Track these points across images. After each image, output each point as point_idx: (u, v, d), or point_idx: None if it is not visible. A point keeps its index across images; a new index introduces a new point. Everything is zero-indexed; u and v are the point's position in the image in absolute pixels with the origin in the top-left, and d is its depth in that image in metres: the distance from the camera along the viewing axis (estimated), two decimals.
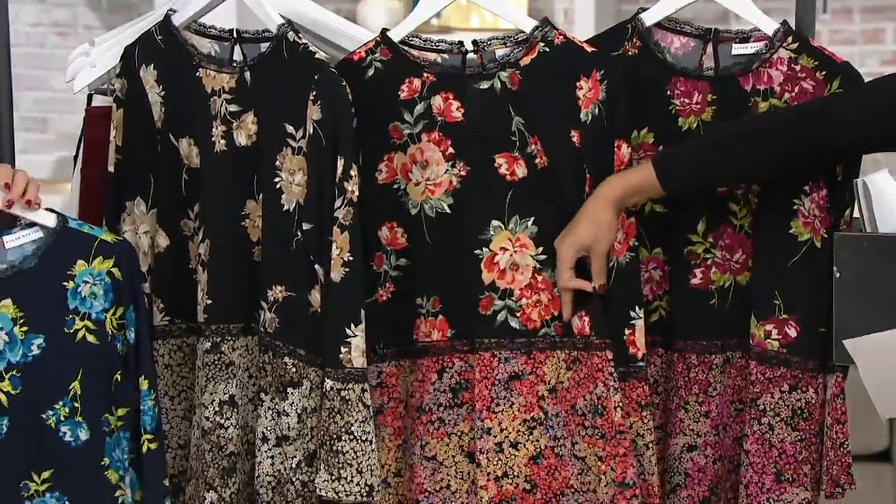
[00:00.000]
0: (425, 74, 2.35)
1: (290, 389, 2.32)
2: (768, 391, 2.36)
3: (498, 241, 2.35)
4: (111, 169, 2.41)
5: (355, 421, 2.28)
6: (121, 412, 2.26)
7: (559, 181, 2.33)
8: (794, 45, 2.37)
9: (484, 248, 2.34)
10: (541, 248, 2.35)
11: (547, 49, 2.35)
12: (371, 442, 2.29)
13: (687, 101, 2.39)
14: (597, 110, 2.32)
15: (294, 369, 2.32)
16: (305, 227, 2.31)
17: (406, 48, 2.37)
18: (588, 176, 2.33)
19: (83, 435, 2.23)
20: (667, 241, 2.40)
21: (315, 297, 2.31)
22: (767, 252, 2.36)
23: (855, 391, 2.51)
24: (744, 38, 2.40)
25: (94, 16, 5.64)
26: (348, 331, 2.28)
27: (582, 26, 5.46)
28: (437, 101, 2.35)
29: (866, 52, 5.73)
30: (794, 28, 2.40)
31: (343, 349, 2.28)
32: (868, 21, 5.75)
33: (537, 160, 2.33)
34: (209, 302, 2.35)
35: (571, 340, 2.34)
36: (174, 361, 2.43)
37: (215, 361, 2.36)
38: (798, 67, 2.36)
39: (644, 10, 2.42)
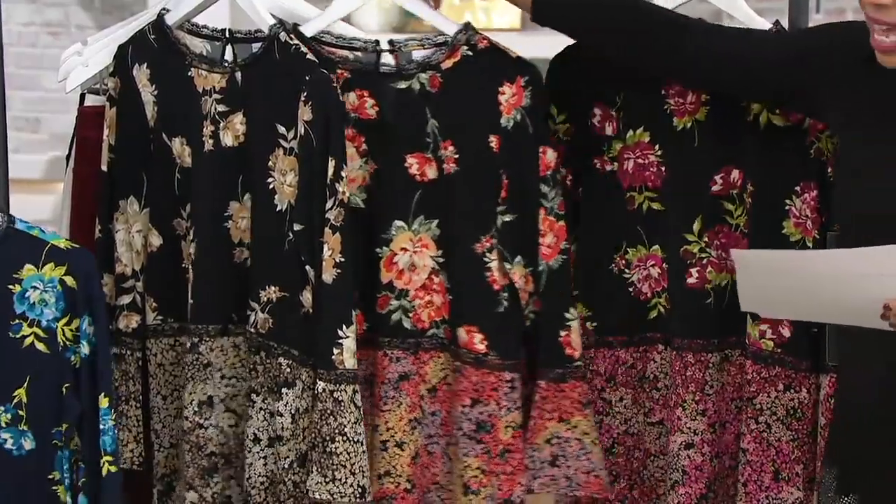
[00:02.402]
0: (339, 71, 2.34)
1: (284, 390, 2.32)
2: (764, 390, 2.36)
3: (399, 241, 2.35)
4: (104, 168, 2.41)
5: (348, 422, 2.28)
6: (64, 427, 2.20)
7: (470, 185, 2.33)
8: None
9: (384, 248, 2.35)
10: (441, 251, 2.35)
11: (470, 53, 2.34)
12: (362, 443, 2.29)
13: (681, 100, 2.39)
14: (519, 116, 2.33)
15: (288, 370, 2.32)
16: (297, 227, 2.31)
17: (319, 45, 2.36)
18: (505, 181, 2.33)
19: (27, 444, 2.18)
20: (664, 239, 2.40)
21: (307, 297, 2.31)
22: None
23: None
24: None
25: (86, 15, 5.63)
26: (340, 332, 2.28)
27: None
28: (351, 97, 2.34)
29: None
30: (787, 28, 2.41)
31: (335, 350, 2.28)
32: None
33: (445, 165, 2.34)
34: (191, 302, 2.36)
35: (457, 351, 2.34)
36: (166, 360, 2.43)
37: (194, 361, 2.36)
38: None
39: None
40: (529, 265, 2.34)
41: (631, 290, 2.42)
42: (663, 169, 2.40)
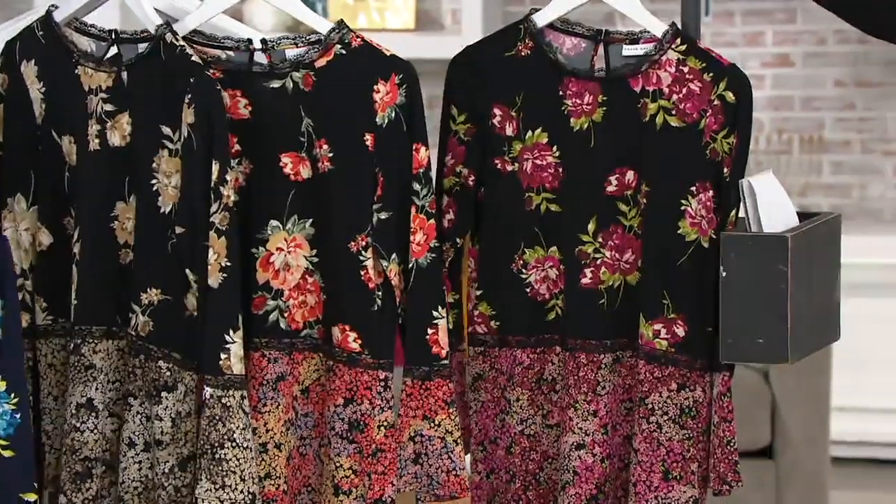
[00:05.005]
0: (211, 71, 2.33)
1: (164, 393, 2.29)
2: (657, 390, 2.38)
3: (274, 241, 2.34)
4: None
5: (237, 428, 2.26)
6: None
7: (345, 184, 2.33)
8: (683, 47, 2.39)
9: (260, 248, 2.34)
10: (315, 251, 2.34)
11: (344, 51, 2.33)
12: (251, 449, 2.27)
13: (578, 101, 2.40)
14: (394, 114, 2.32)
15: (168, 373, 2.29)
16: (178, 230, 2.29)
17: (190, 44, 2.34)
18: (381, 179, 2.33)
19: None
20: (561, 240, 2.42)
21: (191, 300, 2.29)
22: (656, 252, 2.38)
23: (738, 389, 2.54)
24: (633, 39, 2.41)
25: None
26: (227, 337, 2.26)
27: (469, 27, 5.47)
28: (224, 97, 2.32)
29: (747, 54, 5.83)
30: (680, 29, 2.43)
31: (223, 356, 2.25)
32: (749, 24, 5.85)
33: (320, 163, 2.33)
34: (75, 302, 2.33)
35: (331, 349, 2.34)
36: (57, 361, 2.39)
37: (75, 363, 2.33)
38: (686, 69, 2.38)
39: (536, 10, 2.43)
40: (404, 262, 2.34)
41: (529, 290, 2.42)
42: (560, 170, 2.41)
